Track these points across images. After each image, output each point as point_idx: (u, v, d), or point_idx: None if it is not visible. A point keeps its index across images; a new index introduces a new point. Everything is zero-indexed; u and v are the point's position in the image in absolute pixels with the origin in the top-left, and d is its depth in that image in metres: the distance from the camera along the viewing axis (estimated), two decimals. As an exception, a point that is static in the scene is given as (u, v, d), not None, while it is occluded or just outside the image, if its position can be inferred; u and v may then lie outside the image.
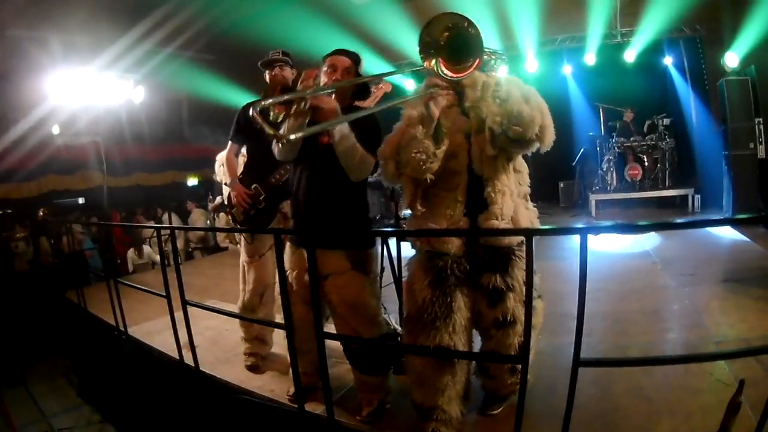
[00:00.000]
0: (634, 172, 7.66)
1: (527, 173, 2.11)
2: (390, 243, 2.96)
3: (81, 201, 9.85)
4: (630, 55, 8.06)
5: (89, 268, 6.43)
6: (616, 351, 2.77)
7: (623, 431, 2.06)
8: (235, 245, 7.61)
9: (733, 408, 1.62)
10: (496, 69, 2.11)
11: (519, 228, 1.95)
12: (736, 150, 5.62)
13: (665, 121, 7.76)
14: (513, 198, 1.98)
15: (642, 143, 7.72)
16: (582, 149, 8.59)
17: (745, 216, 4.12)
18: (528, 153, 1.95)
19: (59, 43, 7.59)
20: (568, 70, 9.02)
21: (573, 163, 8.62)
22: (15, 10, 6.91)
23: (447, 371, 1.99)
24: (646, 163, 7.70)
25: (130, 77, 7.39)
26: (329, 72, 2.24)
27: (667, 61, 8.32)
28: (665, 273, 4.23)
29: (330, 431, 2.21)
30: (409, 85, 9.12)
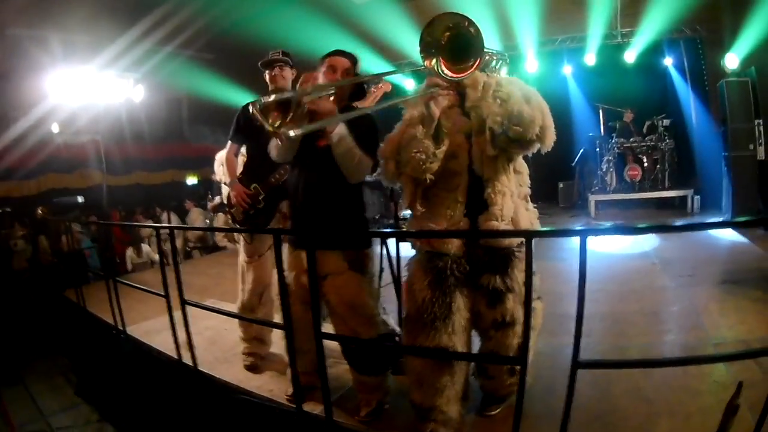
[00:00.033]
0: (633, 172, 7.67)
1: (527, 174, 2.11)
2: (389, 243, 2.96)
3: (80, 200, 9.83)
4: (630, 56, 8.07)
5: (88, 267, 6.42)
6: (615, 352, 2.77)
7: (622, 432, 2.06)
8: (234, 244, 7.62)
9: (732, 410, 1.62)
10: (497, 70, 2.10)
11: (519, 230, 1.95)
12: (735, 151, 5.62)
13: (665, 122, 7.76)
14: (513, 199, 1.98)
15: (642, 144, 7.72)
16: (582, 150, 8.60)
17: (745, 219, 4.14)
18: (529, 154, 1.95)
19: (59, 42, 7.59)
20: (568, 70, 9.03)
21: (572, 164, 8.63)
22: (15, 8, 6.91)
23: (446, 372, 1.99)
24: (645, 164, 7.71)
25: (129, 76, 7.39)
26: (329, 73, 2.24)
27: (668, 62, 8.33)
28: (664, 274, 4.23)
29: (328, 431, 2.21)
30: (409, 85, 9.11)
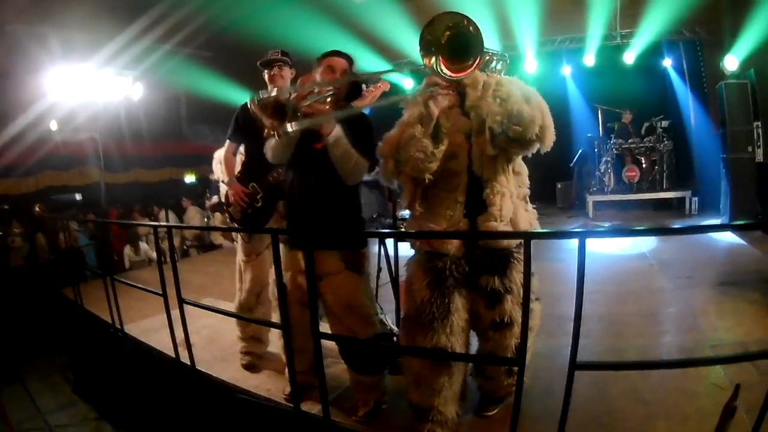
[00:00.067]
0: (631, 173, 7.68)
1: (527, 175, 2.11)
2: (387, 243, 2.96)
3: (78, 197, 9.82)
4: (629, 57, 8.07)
5: (86, 265, 6.41)
6: (612, 353, 2.77)
7: (619, 434, 2.06)
8: (232, 243, 7.60)
9: (729, 412, 1.63)
10: (498, 71, 2.10)
11: (518, 231, 1.95)
12: (734, 153, 5.62)
13: (664, 123, 7.78)
14: (512, 199, 1.98)
15: (640, 145, 7.74)
16: (580, 150, 8.61)
17: (744, 222, 4.14)
18: (528, 154, 1.95)
19: (58, 40, 7.57)
20: (567, 70, 9.04)
21: (571, 164, 8.64)
22: (14, 6, 6.89)
23: (444, 372, 1.99)
24: (643, 165, 7.73)
25: (128, 74, 7.36)
26: (327, 73, 2.25)
27: (667, 64, 8.34)
28: (662, 275, 4.24)
29: (326, 431, 2.21)
30: (408, 85, 9.11)
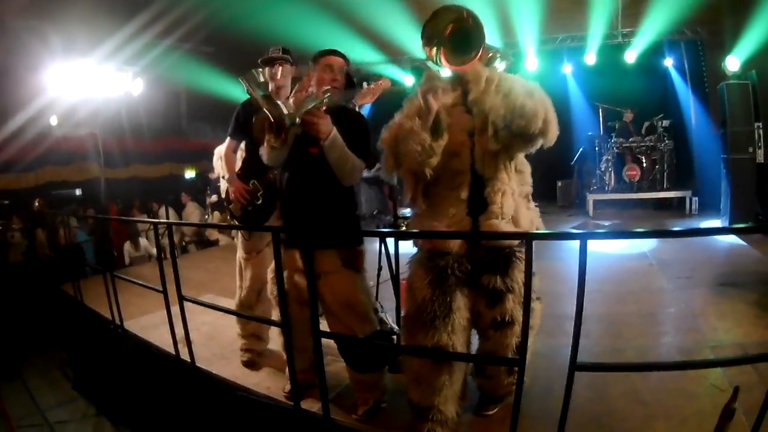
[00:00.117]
0: (632, 172, 7.68)
1: (529, 173, 2.10)
2: (388, 241, 2.96)
3: (78, 192, 9.80)
4: (630, 56, 8.07)
5: (86, 261, 6.40)
6: (612, 354, 2.78)
7: (618, 435, 2.06)
8: (231, 239, 7.60)
9: (728, 414, 1.63)
10: (503, 69, 2.10)
11: (519, 232, 1.94)
12: (735, 154, 5.62)
13: (664, 123, 7.78)
14: (514, 197, 1.98)
15: (641, 144, 7.73)
16: (581, 149, 8.61)
17: (746, 225, 4.15)
18: (532, 150, 1.93)
19: (59, 36, 7.54)
20: (568, 69, 9.04)
21: (571, 163, 8.64)
22: (14, 2, 6.87)
23: (444, 371, 1.99)
24: (644, 164, 7.73)
25: (129, 70, 7.34)
26: (326, 72, 2.26)
27: (668, 63, 8.34)
28: (662, 275, 4.24)
29: (326, 429, 2.21)
30: (409, 81, 9.11)
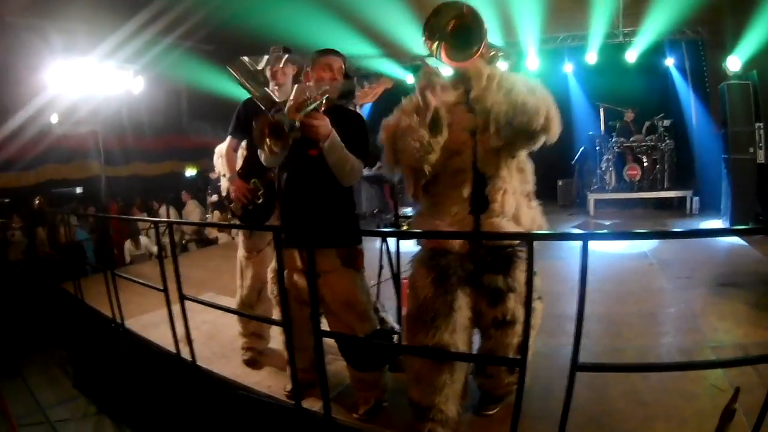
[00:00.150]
0: (632, 172, 7.68)
1: (531, 172, 2.10)
2: (389, 239, 2.97)
3: (79, 190, 9.81)
4: (631, 56, 8.06)
5: (86, 259, 6.40)
6: (612, 353, 2.78)
7: (618, 435, 2.07)
8: (230, 238, 7.61)
9: (728, 415, 1.63)
10: (508, 68, 2.10)
11: (520, 232, 1.95)
12: (735, 154, 5.61)
13: (665, 123, 7.77)
14: (515, 196, 1.98)
15: (642, 144, 7.73)
16: (581, 148, 8.61)
17: (748, 227, 4.17)
18: (534, 148, 1.93)
19: (59, 33, 7.53)
20: (569, 68, 9.03)
21: (572, 162, 8.64)
22: (15, 0, 6.86)
23: (445, 370, 1.99)
24: (645, 164, 7.72)
25: (129, 67, 7.33)
26: (325, 71, 2.26)
27: (669, 63, 8.33)
28: (662, 275, 4.24)
29: (327, 428, 2.22)
30: (411, 80, 9.09)
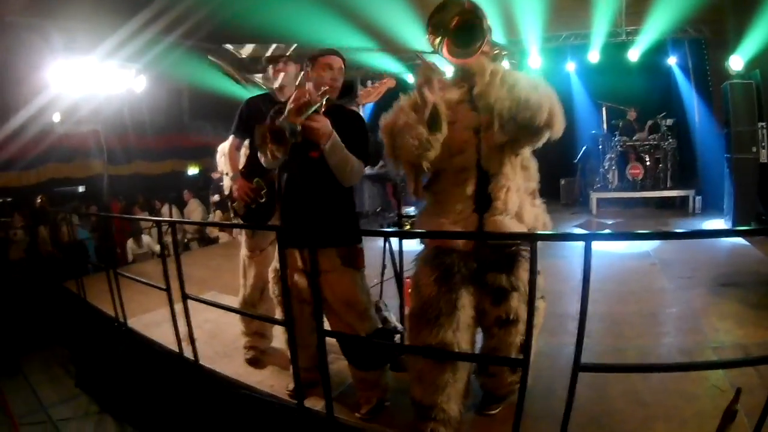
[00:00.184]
0: (635, 171, 7.67)
1: (536, 170, 2.11)
2: (392, 239, 2.97)
3: (81, 189, 9.82)
4: (634, 54, 8.04)
5: (89, 258, 6.42)
6: (613, 353, 2.78)
7: (618, 435, 2.07)
8: (231, 236, 7.62)
9: (729, 416, 1.64)
10: (511, 67, 2.11)
11: (524, 233, 1.95)
12: (738, 153, 5.59)
13: (668, 122, 7.76)
14: (519, 194, 1.98)
15: (644, 143, 7.72)
16: (584, 147, 8.59)
17: (750, 228, 4.17)
18: (538, 144, 1.93)
19: (60, 32, 7.53)
20: (571, 67, 9.00)
21: (575, 161, 8.62)
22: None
23: (448, 369, 1.99)
24: (647, 163, 7.71)
25: (131, 66, 7.33)
26: (326, 71, 2.26)
27: (671, 62, 8.31)
28: (663, 275, 4.24)
29: (329, 428, 2.22)
30: (411, 79, 9.09)
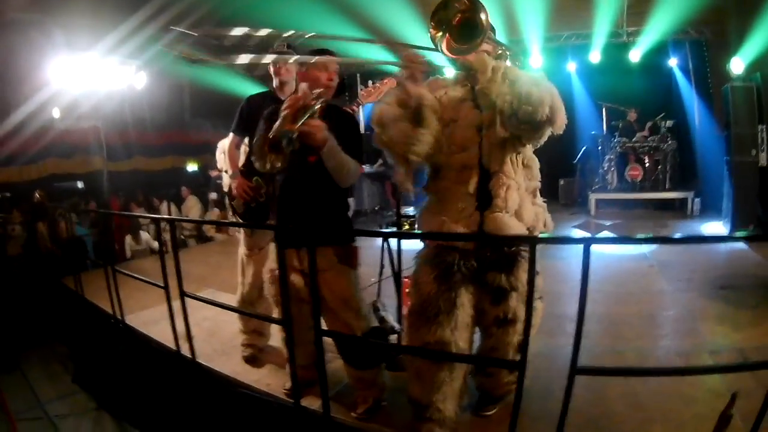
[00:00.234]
0: (634, 172, 7.67)
1: (537, 168, 2.11)
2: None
3: (80, 185, 9.80)
4: (635, 55, 8.02)
5: (87, 254, 6.41)
6: (611, 355, 2.78)
7: (615, 437, 2.07)
8: (228, 235, 7.62)
9: (725, 420, 1.64)
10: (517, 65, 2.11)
11: (522, 236, 1.96)
12: (737, 156, 5.58)
13: (668, 123, 7.75)
14: (520, 192, 1.98)
15: (644, 144, 7.72)
16: (584, 147, 8.59)
17: (749, 234, 4.19)
18: (541, 141, 1.94)
19: (61, 28, 7.50)
20: (572, 67, 8.99)
21: (574, 161, 8.62)
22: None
23: (445, 366, 2.00)
24: (647, 164, 7.71)
25: (131, 63, 7.30)
26: (320, 71, 2.25)
27: (672, 63, 8.31)
28: (662, 277, 4.24)
29: (326, 427, 2.22)
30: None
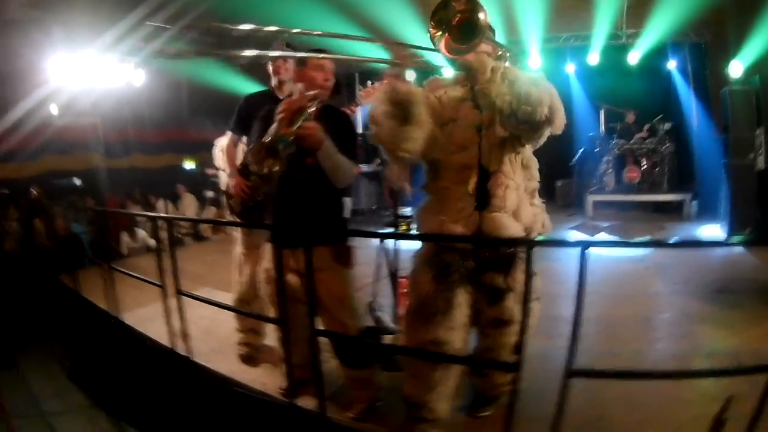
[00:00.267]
0: (632, 174, 7.68)
1: (537, 169, 2.12)
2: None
3: (78, 182, 9.76)
4: (634, 57, 8.05)
5: (84, 251, 6.38)
6: (607, 357, 2.78)
7: (611, 439, 2.08)
8: (225, 234, 7.59)
9: (719, 424, 1.64)
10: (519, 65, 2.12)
11: (520, 239, 1.97)
12: (735, 159, 5.59)
13: (666, 125, 7.76)
14: (518, 192, 1.99)
15: (642, 146, 7.73)
16: (581, 149, 8.59)
17: (747, 239, 4.22)
18: (540, 141, 1.94)
19: (60, 26, 7.48)
20: (571, 68, 9.00)
21: (571, 163, 8.61)
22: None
23: (440, 366, 2.01)
24: (644, 166, 7.72)
25: (130, 60, 7.28)
26: (317, 71, 2.25)
27: (671, 65, 8.32)
28: (658, 279, 4.25)
29: (321, 427, 2.22)
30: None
